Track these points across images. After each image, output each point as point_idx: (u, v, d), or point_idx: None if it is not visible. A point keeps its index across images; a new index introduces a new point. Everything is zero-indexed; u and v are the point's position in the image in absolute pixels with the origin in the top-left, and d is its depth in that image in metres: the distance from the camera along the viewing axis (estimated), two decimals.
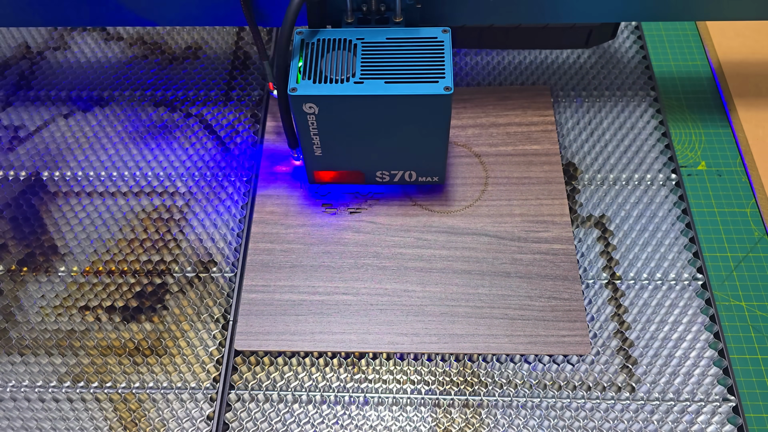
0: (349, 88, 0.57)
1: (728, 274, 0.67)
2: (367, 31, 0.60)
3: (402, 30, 0.60)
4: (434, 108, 0.58)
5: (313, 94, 0.57)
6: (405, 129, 0.60)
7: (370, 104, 0.57)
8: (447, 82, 0.56)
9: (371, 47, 0.59)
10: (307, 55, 0.58)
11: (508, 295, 0.63)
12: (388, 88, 0.56)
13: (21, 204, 0.72)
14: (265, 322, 0.62)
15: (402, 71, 0.57)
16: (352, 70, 0.57)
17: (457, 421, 0.58)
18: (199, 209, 0.71)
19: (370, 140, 0.62)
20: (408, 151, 0.64)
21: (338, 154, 0.64)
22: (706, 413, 0.58)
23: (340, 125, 0.60)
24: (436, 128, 0.60)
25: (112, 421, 0.59)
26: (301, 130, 0.61)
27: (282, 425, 0.59)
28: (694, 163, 0.74)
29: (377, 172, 0.67)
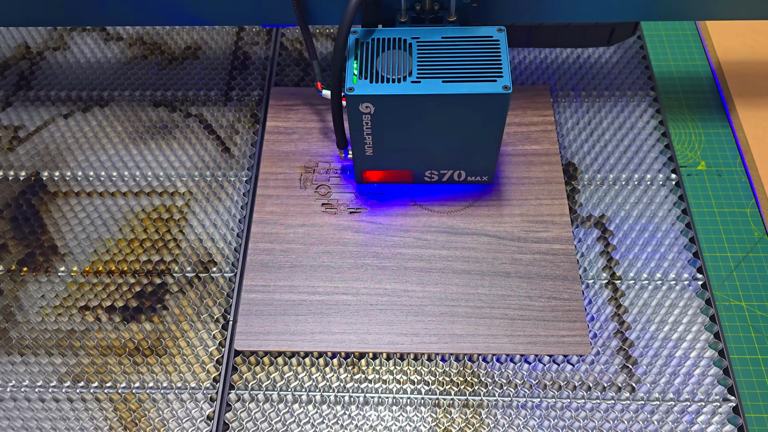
0: (407, 87, 0.57)
1: (728, 274, 0.67)
2: (422, 30, 0.60)
3: (457, 29, 0.59)
4: (492, 107, 0.58)
5: (371, 94, 0.57)
6: (460, 128, 0.60)
7: (427, 103, 0.57)
8: (505, 81, 0.56)
9: (427, 46, 0.59)
10: (362, 54, 0.58)
11: (508, 295, 0.63)
12: (446, 87, 0.56)
13: (21, 204, 0.72)
14: (265, 322, 0.62)
15: (459, 70, 0.57)
16: (408, 69, 0.57)
17: (457, 421, 0.58)
18: (199, 209, 0.71)
19: (424, 140, 0.62)
20: (460, 151, 0.64)
21: (389, 153, 0.64)
22: (706, 413, 0.58)
23: (395, 125, 0.60)
24: (492, 127, 0.60)
25: (112, 421, 0.59)
26: (354, 129, 0.61)
27: (282, 425, 0.59)
28: (694, 163, 0.74)
29: (426, 172, 0.67)
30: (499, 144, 0.63)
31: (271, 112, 0.76)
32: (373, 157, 0.64)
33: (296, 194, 0.70)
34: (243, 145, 0.75)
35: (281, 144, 0.73)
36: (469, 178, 0.68)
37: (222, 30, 0.85)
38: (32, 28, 0.86)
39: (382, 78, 0.57)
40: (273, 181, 0.71)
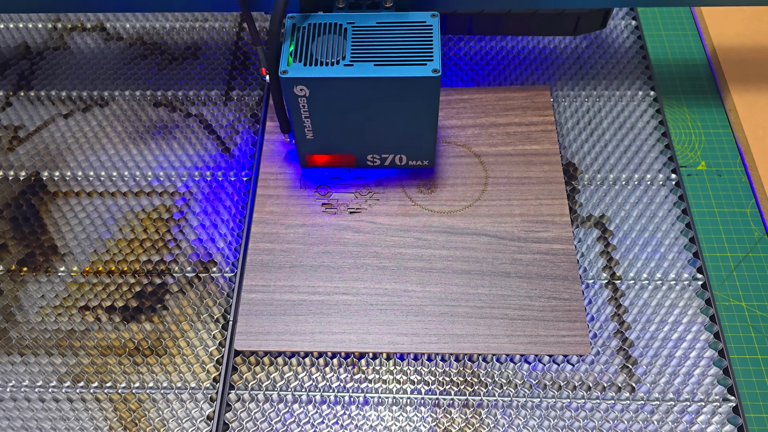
0: (339, 70, 0.58)
1: (728, 274, 0.67)
2: (358, 15, 0.61)
3: (392, 14, 0.61)
4: (423, 90, 0.59)
5: (304, 77, 0.58)
6: (395, 111, 0.62)
7: (359, 86, 0.58)
8: (435, 65, 0.57)
9: (361, 31, 0.60)
10: (298, 38, 0.59)
11: (508, 295, 0.63)
12: (378, 71, 0.58)
13: (21, 204, 0.72)
14: (265, 322, 0.62)
15: (391, 54, 0.58)
16: (342, 53, 0.59)
17: (457, 421, 0.58)
18: (199, 209, 0.71)
19: (361, 123, 0.63)
20: (398, 134, 0.65)
21: (329, 137, 0.65)
22: (706, 413, 0.58)
23: (331, 107, 0.61)
24: (425, 111, 0.61)
25: (112, 421, 0.59)
26: (293, 113, 0.62)
27: (282, 425, 0.59)
28: (694, 163, 0.74)
29: (368, 156, 0.68)
30: (435, 127, 0.64)
31: (271, 112, 0.76)
32: (314, 140, 0.66)
33: (296, 194, 0.70)
34: (243, 145, 0.75)
35: (281, 144, 0.73)
36: (411, 162, 0.69)
37: (222, 30, 0.85)
38: (32, 28, 0.86)
39: (316, 61, 0.58)
40: (273, 181, 0.71)
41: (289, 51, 0.59)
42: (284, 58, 0.59)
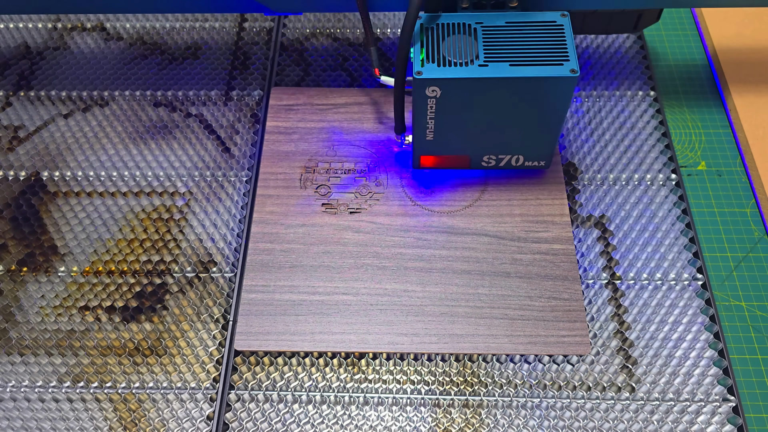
0: (474, 71, 0.57)
1: (728, 274, 0.67)
2: (485, 15, 0.60)
3: (520, 14, 0.60)
4: (559, 90, 0.58)
5: (439, 77, 0.57)
6: (523, 112, 0.61)
7: (495, 87, 0.58)
8: (572, 65, 0.57)
9: (491, 31, 0.59)
10: (427, 39, 0.59)
11: (508, 295, 0.63)
12: (514, 71, 0.57)
13: (21, 204, 0.72)
14: (265, 322, 0.62)
15: (526, 54, 0.58)
16: (474, 53, 0.58)
17: (457, 421, 0.58)
18: (199, 209, 0.71)
19: (485, 124, 0.62)
20: (521, 135, 0.64)
21: (449, 138, 0.65)
22: (706, 413, 0.58)
23: (459, 109, 0.60)
24: (555, 111, 0.61)
25: (112, 421, 0.59)
26: (418, 114, 0.61)
27: (282, 425, 0.59)
28: (694, 163, 0.74)
29: (484, 157, 0.67)
30: (561, 128, 0.63)
31: (271, 112, 0.76)
32: (433, 141, 0.65)
33: (296, 194, 0.70)
34: (243, 145, 0.75)
35: (281, 144, 0.73)
36: (527, 163, 0.68)
37: (222, 30, 0.85)
38: (32, 28, 0.86)
39: (448, 62, 0.57)
40: (273, 181, 0.71)
41: (420, 52, 0.58)
42: (416, 59, 0.58)
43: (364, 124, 0.74)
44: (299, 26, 0.86)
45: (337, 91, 0.77)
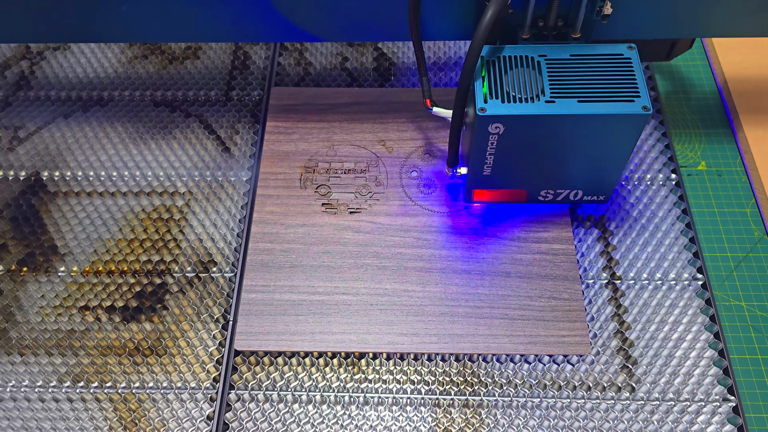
0: (541, 107, 0.54)
1: (728, 274, 0.67)
2: (549, 47, 0.57)
3: (585, 46, 0.57)
4: (629, 127, 0.55)
5: (504, 114, 0.54)
6: (589, 148, 0.58)
7: (562, 124, 0.55)
8: (644, 101, 0.54)
9: (556, 65, 0.56)
10: (489, 73, 0.56)
11: (508, 295, 0.63)
12: (583, 108, 0.54)
13: (21, 204, 0.72)
14: (265, 322, 0.62)
15: (594, 89, 0.55)
16: (540, 88, 0.55)
17: (457, 421, 0.58)
18: (199, 209, 0.71)
19: (548, 160, 0.59)
20: (583, 170, 0.61)
21: (508, 173, 0.61)
22: (706, 413, 0.58)
23: (522, 145, 0.57)
24: (623, 147, 0.58)
25: (112, 421, 0.59)
26: (477, 149, 0.58)
27: (282, 425, 0.59)
28: (694, 163, 0.74)
29: (542, 191, 0.64)
30: (626, 164, 0.60)
31: (271, 112, 0.76)
32: (491, 176, 0.61)
33: (296, 194, 0.70)
34: (243, 145, 0.75)
35: (281, 144, 0.73)
36: (586, 198, 0.65)
37: None
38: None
39: (512, 97, 0.55)
40: (273, 181, 0.71)
41: (483, 87, 0.55)
42: (479, 93, 0.55)
43: (364, 123, 0.74)
44: None
45: (337, 91, 0.77)
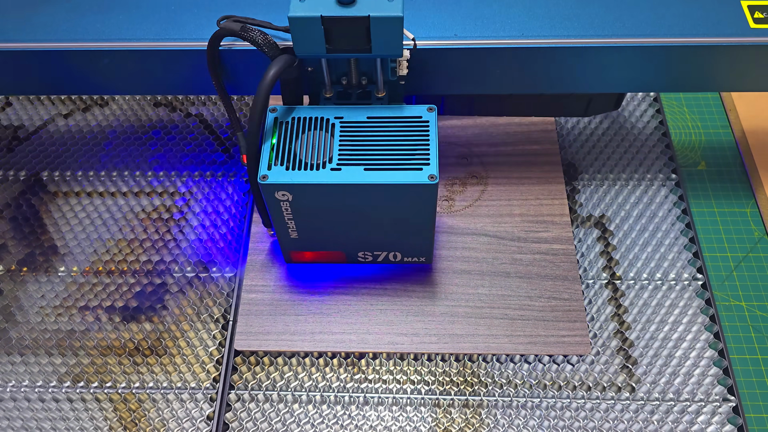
0: (326, 175, 0.52)
1: (728, 274, 0.67)
2: (347, 109, 0.55)
3: (384, 108, 0.55)
4: (418, 197, 0.54)
5: (286, 183, 0.52)
6: (387, 214, 0.56)
7: (348, 192, 0.53)
8: (432, 170, 0.52)
9: (350, 127, 0.54)
10: (280, 135, 0.54)
11: (508, 295, 0.63)
12: (368, 176, 0.52)
13: (21, 204, 0.72)
14: (265, 322, 0.62)
15: (383, 156, 0.53)
16: (329, 153, 0.53)
17: (457, 421, 0.58)
18: (199, 209, 0.71)
19: (351, 224, 0.58)
20: (391, 235, 0.60)
21: (316, 236, 0.60)
22: (706, 413, 0.58)
23: (317, 211, 0.56)
24: (420, 214, 0.56)
25: (112, 421, 0.59)
26: (274, 214, 0.57)
27: (282, 425, 0.59)
28: (694, 163, 0.74)
29: (359, 253, 0.63)
30: (433, 228, 0.58)
31: None
32: (299, 240, 0.60)
33: None
34: None
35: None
36: (406, 259, 0.63)
37: None
38: None
39: (300, 163, 0.53)
40: None
41: (270, 152, 0.53)
42: (264, 159, 0.53)
43: None
44: None
45: None
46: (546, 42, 0.57)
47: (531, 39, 0.57)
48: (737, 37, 0.58)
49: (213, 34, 0.55)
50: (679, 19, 0.59)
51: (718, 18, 0.59)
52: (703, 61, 0.59)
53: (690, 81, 0.62)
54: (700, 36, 0.58)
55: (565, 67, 0.59)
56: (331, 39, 0.52)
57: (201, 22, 0.60)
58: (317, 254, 0.63)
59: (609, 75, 0.61)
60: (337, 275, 0.65)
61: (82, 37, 0.59)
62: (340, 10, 0.50)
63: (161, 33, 0.59)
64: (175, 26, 0.60)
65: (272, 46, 0.54)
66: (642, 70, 0.60)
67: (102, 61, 0.60)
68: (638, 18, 0.59)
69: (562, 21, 0.59)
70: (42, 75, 0.62)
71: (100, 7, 0.61)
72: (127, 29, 0.59)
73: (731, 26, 0.58)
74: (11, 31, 0.60)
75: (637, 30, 0.58)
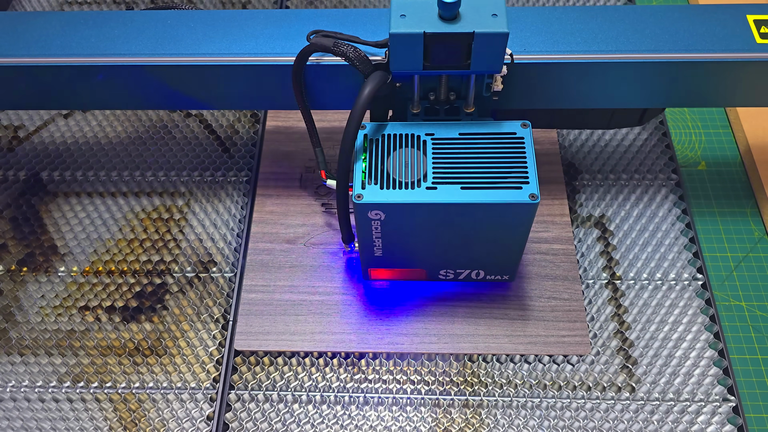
0: (421, 194, 0.51)
1: (728, 274, 0.67)
2: (437, 125, 0.54)
3: (476, 124, 0.54)
4: (518, 216, 0.52)
5: (382, 202, 0.51)
6: (481, 234, 0.55)
7: (444, 211, 0.52)
8: (532, 189, 0.50)
9: (443, 144, 0.53)
10: (371, 153, 0.53)
11: (508, 295, 0.63)
12: (466, 195, 0.51)
13: (21, 204, 0.72)
14: (265, 322, 0.62)
15: (480, 174, 0.51)
16: (423, 171, 0.51)
17: (457, 421, 0.58)
18: (199, 209, 0.71)
19: (440, 243, 0.57)
20: (480, 253, 0.58)
21: (400, 255, 0.59)
22: (706, 413, 0.58)
23: (408, 230, 0.54)
24: (516, 233, 0.55)
25: (112, 421, 0.59)
26: (362, 233, 0.55)
27: (282, 425, 0.59)
28: (694, 163, 0.74)
29: (441, 271, 0.61)
30: (524, 246, 0.57)
31: (271, 112, 0.76)
32: (383, 257, 0.59)
33: (296, 194, 0.70)
34: (243, 145, 0.75)
35: (281, 144, 0.73)
36: (489, 277, 0.62)
37: None
38: None
39: (394, 182, 0.51)
40: (273, 181, 0.71)
41: (363, 169, 0.52)
42: (357, 178, 0.52)
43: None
44: None
45: None
46: (549, 57, 0.57)
47: (533, 54, 0.57)
48: (743, 52, 0.57)
49: (303, 49, 0.53)
50: (685, 35, 0.58)
51: (724, 33, 0.58)
52: (709, 77, 0.58)
53: (696, 96, 0.61)
54: (705, 51, 0.57)
55: (564, 83, 0.59)
56: (429, 55, 0.50)
57: (198, 37, 0.59)
58: (399, 272, 0.61)
59: (608, 91, 0.60)
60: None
61: (76, 52, 0.59)
62: (443, 27, 0.49)
63: (157, 48, 0.59)
64: (172, 41, 0.59)
65: (365, 61, 0.52)
66: (644, 85, 0.59)
67: (96, 77, 0.59)
68: (642, 33, 0.58)
69: (564, 36, 0.58)
70: (34, 90, 0.62)
71: (95, 21, 0.61)
72: (123, 44, 0.59)
73: (737, 41, 0.57)
74: (3, 46, 0.60)
75: (642, 45, 0.57)
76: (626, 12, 0.60)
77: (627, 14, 0.60)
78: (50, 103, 0.64)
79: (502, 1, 0.50)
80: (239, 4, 0.88)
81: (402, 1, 0.51)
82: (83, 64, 0.59)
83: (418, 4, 0.51)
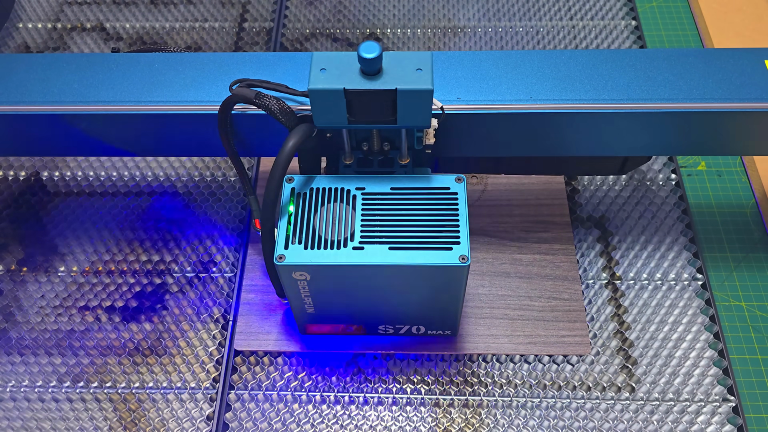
0: (347, 255, 0.49)
1: (728, 274, 0.67)
2: (369, 178, 0.52)
3: (410, 178, 0.52)
4: (446, 277, 0.50)
5: (305, 264, 0.49)
6: (412, 293, 0.53)
7: (371, 273, 0.50)
8: (462, 250, 0.48)
9: (373, 200, 0.51)
10: (298, 209, 0.50)
11: (508, 295, 0.63)
12: (393, 256, 0.48)
13: (21, 204, 0.72)
14: (265, 322, 0.62)
15: (409, 233, 0.49)
16: (351, 229, 0.49)
17: (457, 421, 0.58)
18: (199, 209, 0.71)
19: (372, 301, 0.55)
20: (416, 310, 0.56)
21: (334, 311, 0.57)
22: (706, 413, 0.58)
23: (337, 290, 0.53)
24: (448, 293, 0.53)
25: (112, 421, 0.59)
26: (290, 291, 0.53)
27: (282, 425, 0.59)
28: (694, 163, 0.74)
29: (380, 326, 0.59)
30: (461, 305, 0.55)
31: None
32: (315, 314, 0.57)
33: None
34: None
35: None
36: (430, 332, 0.60)
37: (222, 30, 0.85)
38: (32, 28, 0.86)
39: (319, 241, 0.49)
40: None
41: (287, 229, 0.50)
42: (281, 237, 0.49)
43: None
44: (299, 26, 0.86)
45: None
46: (553, 107, 0.54)
47: (539, 103, 0.54)
48: (763, 102, 0.53)
49: (225, 100, 0.51)
50: (700, 81, 0.54)
51: (741, 81, 0.54)
52: (725, 127, 0.55)
53: (712, 145, 0.58)
54: (722, 101, 0.53)
55: (575, 131, 0.56)
56: (354, 111, 0.48)
57: (186, 82, 0.56)
58: (335, 327, 0.60)
59: (623, 139, 0.56)
60: None
61: (58, 99, 0.55)
62: (364, 83, 0.47)
63: (144, 95, 0.55)
64: (160, 87, 0.56)
65: (288, 114, 0.50)
66: (656, 135, 0.56)
67: (80, 125, 0.56)
68: (655, 80, 0.54)
69: (573, 83, 0.55)
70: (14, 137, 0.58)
71: (78, 65, 0.57)
72: (107, 90, 0.55)
73: (756, 89, 0.54)
74: None
75: (654, 94, 0.54)
76: (638, 56, 0.56)
77: (639, 59, 0.56)
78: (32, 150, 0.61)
79: (427, 55, 0.48)
80: (239, 4, 0.88)
81: (323, 54, 0.48)
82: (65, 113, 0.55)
83: (340, 57, 0.48)
